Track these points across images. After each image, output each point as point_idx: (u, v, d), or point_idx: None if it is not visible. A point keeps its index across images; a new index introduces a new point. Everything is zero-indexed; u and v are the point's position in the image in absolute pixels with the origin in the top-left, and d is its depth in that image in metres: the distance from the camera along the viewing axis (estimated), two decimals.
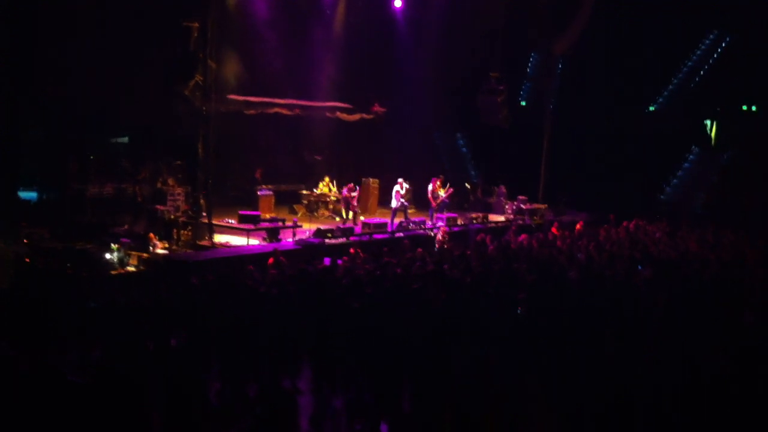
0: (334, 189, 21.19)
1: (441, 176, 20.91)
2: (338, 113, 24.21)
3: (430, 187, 20.52)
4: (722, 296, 10.87)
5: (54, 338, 8.61)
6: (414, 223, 19.38)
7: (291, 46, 21.96)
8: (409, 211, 21.22)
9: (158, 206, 16.96)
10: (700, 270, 12.91)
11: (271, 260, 13.37)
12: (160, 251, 15.18)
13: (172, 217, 16.49)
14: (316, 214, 20.97)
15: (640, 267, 13.01)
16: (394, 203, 19.66)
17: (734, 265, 13.62)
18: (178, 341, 8.66)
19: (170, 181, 18.52)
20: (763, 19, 24.18)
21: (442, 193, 20.69)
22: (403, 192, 19.72)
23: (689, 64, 27.47)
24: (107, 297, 11.20)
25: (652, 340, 9.17)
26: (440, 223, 19.61)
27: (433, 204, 20.46)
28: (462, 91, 26.15)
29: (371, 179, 22.98)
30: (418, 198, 21.74)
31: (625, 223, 18.80)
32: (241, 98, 21.26)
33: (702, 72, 27.31)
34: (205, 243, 16.01)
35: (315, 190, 21.43)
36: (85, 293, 11.63)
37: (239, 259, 14.60)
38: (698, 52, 27.28)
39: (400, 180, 19.82)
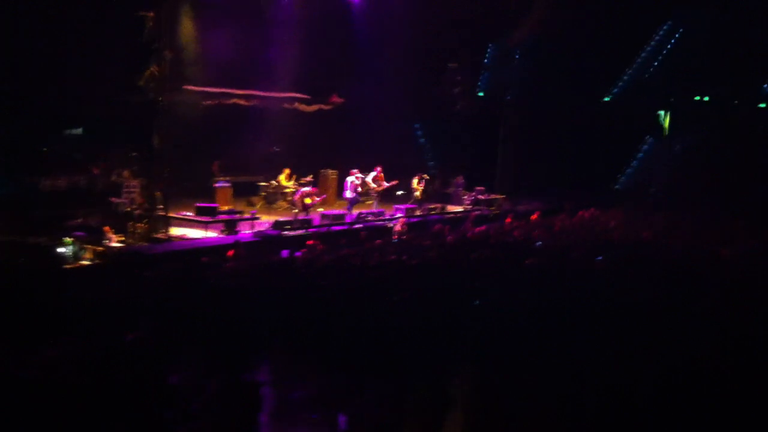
0: (292, 182, 21.06)
1: (379, 166, 21.44)
2: (296, 104, 24.16)
3: (373, 174, 20.91)
4: (682, 280, 11.14)
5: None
6: (373, 214, 19.43)
7: (248, 36, 21.74)
8: (368, 202, 21.41)
9: (113, 198, 16.73)
10: (655, 254, 13.24)
11: (231, 252, 13.30)
12: (115, 244, 14.99)
13: (128, 209, 16.28)
14: (274, 205, 20.88)
15: (599, 258, 13.19)
16: (349, 194, 19.74)
17: (689, 249, 13.98)
18: (135, 336, 8.58)
19: (125, 173, 18.24)
20: (712, 11, 24.71)
21: (417, 188, 21.31)
22: (359, 183, 19.81)
23: (643, 55, 27.93)
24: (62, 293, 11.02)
25: (614, 325, 9.35)
26: (399, 214, 19.70)
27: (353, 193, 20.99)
28: (421, 82, 26.24)
29: (329, 170, 22.96)
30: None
31: (580, 213, 19.05)
32: (198, 89, 21.06)
33: (655, 63, 27.78)
34: (161, 236, 15.87)
35: (273, 182, 21.32)
36: (39, 288, 11.44)
37: (196, 251, 14.47)
38: (652, 44, 27.74)
39: (354, 171, 19.91)
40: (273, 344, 8.73)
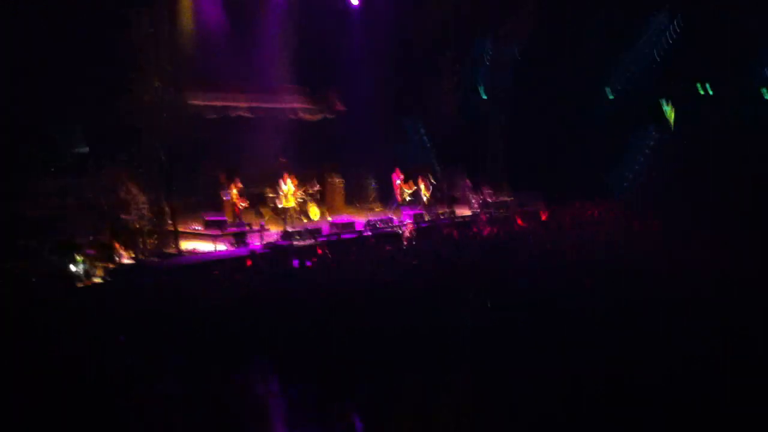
0: (295, 189, 20.93)
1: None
2: (300, 113, 24.14)
3: (397, 181, 21.08)
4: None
5: None
6: (382, 221, 19.39)
7: (250, 47, 21.78)
8: (377, 209, 21.54)
9: (122, 215, 16.75)
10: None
11: (249, 262, 13.53)
12: (126, 261, 15.02)
13: (137, 225, 16.30)
14: (283, 216, 20.86)
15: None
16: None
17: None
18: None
19: (133, 189, 18.29)
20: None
21: (425, 192, 21.40)
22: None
23: (642, 45, 27.70)
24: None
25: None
26: (407, 220, 19.67)
27: (398, 198, 20.95)
28: (420, 83, 26.20)
29: (336, 178, 22.95)
30: (386, 195, 22.26)
31: (589, 212, 19.04)
32: (202, 103, 21.08)
33: (655, 53, 27.55)
34: (171, 250, 15.88)
35: (281, 192, 21.28)
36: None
37: (206, 264, 14.50)
38: (651, 33, 27.52)
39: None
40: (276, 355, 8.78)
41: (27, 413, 7.15)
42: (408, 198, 21.40)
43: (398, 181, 21.46)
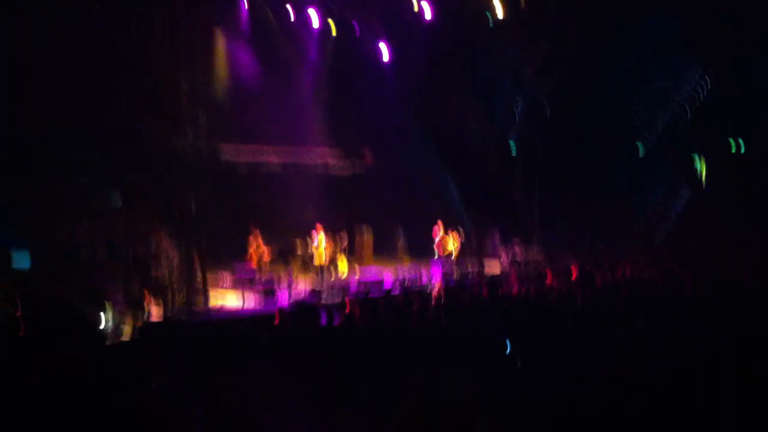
0: (327, 245, 20.93)
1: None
2: (330, 168, 24.35)
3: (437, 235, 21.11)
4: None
5: None
6: (410, 279, 19.27)
7: (282, 100, 22.10)
8: (406, 262, 21.47)
9: (153, 271, 16.82)
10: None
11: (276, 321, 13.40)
12: (154, 316, 15.04)
13: (167, 281, 16.36)
14: (312, 270, 20.82)
15: None
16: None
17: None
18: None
19: (164, 243, 18.39)
20: (743, 57, 24.51)
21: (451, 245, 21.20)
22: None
23: (676, 104, 27.64)
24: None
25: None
26: (436, 279, 19.53)
27: (441, 253, 20.89)
28: (452, 140, 26.32)
29: (366, 233, 22.95)
30: (414, 248, 22.16)
31: (620, 269, 18.71)
32: (232, 158, 21.33)
33: (689, 112, 27.45)
34: (199, 308, 15.89)
35: (313, 249, 21.25)
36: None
37: (235, 321, 14.44)
38: (684, 93, 27.46)
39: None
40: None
41: None
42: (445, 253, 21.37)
43: (437, 237, 21.38)
